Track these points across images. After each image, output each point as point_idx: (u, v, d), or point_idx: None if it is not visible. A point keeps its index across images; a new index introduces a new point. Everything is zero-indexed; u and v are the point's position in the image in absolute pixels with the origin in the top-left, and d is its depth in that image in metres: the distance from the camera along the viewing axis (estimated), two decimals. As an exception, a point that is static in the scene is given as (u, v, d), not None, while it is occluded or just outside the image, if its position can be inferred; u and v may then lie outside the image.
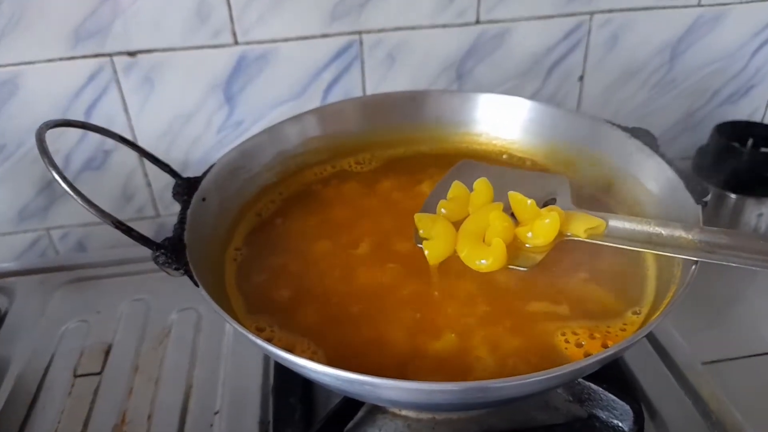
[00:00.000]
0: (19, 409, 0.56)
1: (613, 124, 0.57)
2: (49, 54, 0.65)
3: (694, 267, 0.42)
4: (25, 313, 0.67)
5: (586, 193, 0.58)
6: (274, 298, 0.48)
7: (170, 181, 0.51)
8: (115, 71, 0.67)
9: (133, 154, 0.70)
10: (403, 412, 0.50)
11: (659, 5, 0.72)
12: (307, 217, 0.56)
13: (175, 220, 0.47)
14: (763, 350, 0.60)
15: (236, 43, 0.67)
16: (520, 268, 0.46)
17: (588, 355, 0.42)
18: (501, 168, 0.58)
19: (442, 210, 0.50)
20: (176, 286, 0.46)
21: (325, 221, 0.56)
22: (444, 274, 0.49)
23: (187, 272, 0.42)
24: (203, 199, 0.49)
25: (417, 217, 0.49)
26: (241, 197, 0.56)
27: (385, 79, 0.72)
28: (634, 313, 0.46)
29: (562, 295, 0.47)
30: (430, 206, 0.51)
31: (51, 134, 0.44)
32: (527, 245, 0.47)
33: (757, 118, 0.83)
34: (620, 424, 0.48)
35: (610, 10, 0.72)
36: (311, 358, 0.42)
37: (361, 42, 0.69)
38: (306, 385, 0.53)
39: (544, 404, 0.50)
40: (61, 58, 0.65)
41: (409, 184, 0.60)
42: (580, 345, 0.43)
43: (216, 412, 0.54)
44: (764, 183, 0.70)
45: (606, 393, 0.48)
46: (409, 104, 0.64)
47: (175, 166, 0.52)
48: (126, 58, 0.67)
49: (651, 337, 0.59)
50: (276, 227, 0.55)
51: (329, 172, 0.62)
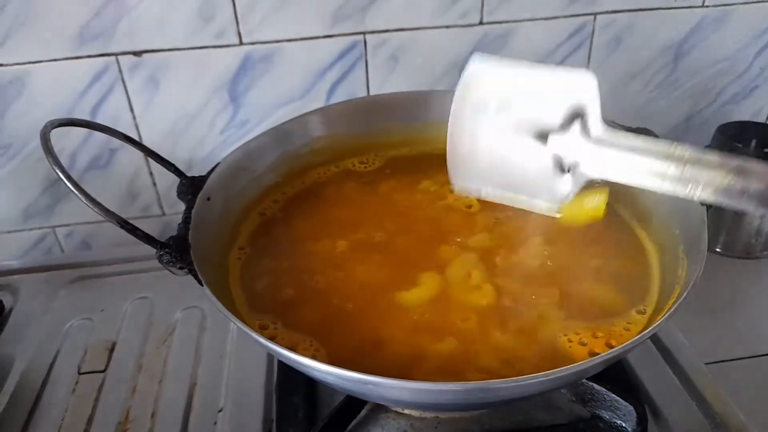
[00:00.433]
0: (24, 406, 0.56)
1: (616, 124, 0.57)
2: (55, 54, 0.65)
3: (699, 267, 0.42)
4: (29, 311, 0.67)
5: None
6: (278, 297, 0.48)
7: (175, 180, 0.52)
8: (121, 71, 0.67)
9: (139, 153, 0.70)
10: (406, 411, 0.50)
11: (663, 6, 0.72)
12: (311, 216, 0.57)
13: (180, 219, 0.47)
14: (767, 351, 0.60)
15: (241, 43, 0.67)
16: None
17: (592, 353, 0.42)
18: (516, 66, 0.51)
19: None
20: (180, 285, 0.46)
21: (329, 221, 0.56)
22: (449, 274, 0.49)
23: (192, 271, 0.42)
24: (208, 199, 0.49)
25: None
26: (246, 197, 0.56)
27: (389, 80, 0.72)
28: (639, 312, 0.46)
29: (566, 294, 0.47)
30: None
31: (57, 133, 0.44)
32: None
33: (761, 118, 0.83)
34: (623, 425, 0.48)
35: (614, 11, 0.71)
36: (314, 357, 0.43)
37: (365, 42, 0.69)
38: (309, 384, 0.53)
39: (546, 404, 0.50)
40: (67, 58, 0.66)
41: (413, 184, 0.60)
42: (583, 344, 0.43)
43: (220, 410, 0.54)
44: (768, 184, 0.69)
45: (609, 393, 0.48)
46: (412, 105, 0.64)
47: (180, 166, 0.52)
48: (131, 58, 0.67)
49: (654, 338, 0.58)
50: (280, 227, 0.56)
51: (333, 172, 0.62)
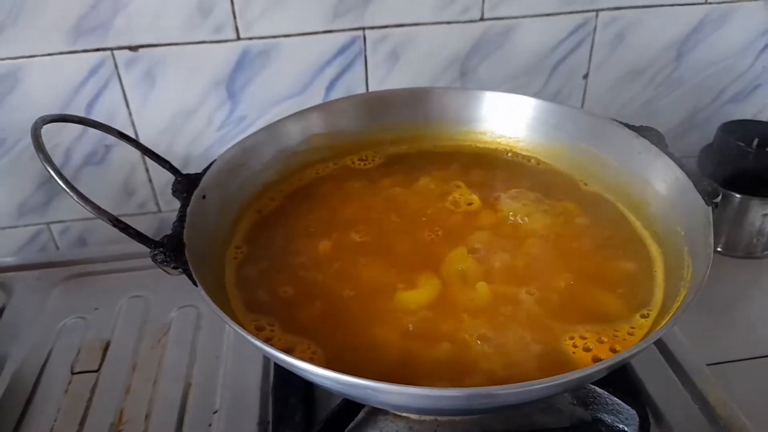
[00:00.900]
0: (16, 406, 0.55)
1: (620, 122, 0.56)
2: (50, 48, 0.65)
3: (706, 270, 0.41)
4: (23, 309, 0.66)
5: (592, 191, 0.58)
6: (274, 297, 0.47)
7: (172, 176, 0.51)
8: (116, 66, 0.67)
9: (135, 149, 0.70)
10: (405, 414, 0.49)
11: (666, 3, 0.71)
12: (309, 215, 0.56)
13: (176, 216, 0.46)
14: (769, 352, 0.59)
15: (239, 38, 0.67)
16: None
17: (596, 359, 0.42)
18: None
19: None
20: (176, 283, 0.45)
21: (327, 219, 0.55)
22: (448, 275, 0.48)
23: (186, 271, 0.41)
24: (203, 197, 0.48)
25: None
26: (242, 195, 0.55)
27: (389, 76, 0.71)
28: (643, 316, 0.45)
29: (569, 299, 0.47)
30: None
31: (52, 128, 0.44)
32: None
33: (763, 117, 0.82)
34: (626, 429, 0.47)
35: (617, 8, 0.71)
36: (311, 359, 0.42)
37: (365, 38, 0.69)
38: (307, 386, 0.52)
39: (548, 407, 0.50)
40: (62, 52, 0.65)
41: (413, 181, 0.59)
42: (588, 349, 0.43)
43: (215, 412, 0.53)
44: (769, 183, 0.69)
45: (611, 397, 0.47)
46: (412, 102, 0.63)
47: (177, 162, 0.51)
48: (127, 53, 0.66)
49: (657, 340, 0.58)
50: (277, 225, 0.55)
51: (331, 170, 0.62)
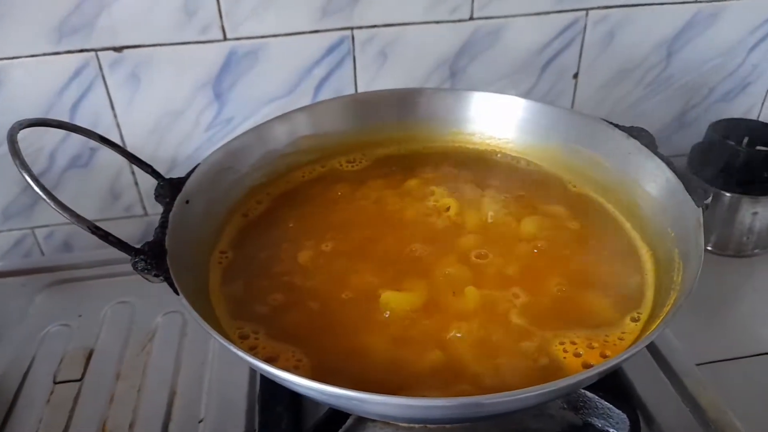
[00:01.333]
0: (-3, 416, 0.54)
1: (611, 123, 0.56)
2: (33, 49, 0.64)
3: (697, 272, 0.41)
4: (4, 316, 0.65)
5: (581, 193, 0.57)
6: (260, 304, 0.47)
7: (159, 179, 0.50)
8: (101, 67, 0.66)
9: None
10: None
11: (656, 2, 0.71)
12: (296, 218, 0.55)
13: (164, 219, 0.45)
14: (760, 351, 0.59)
15: (225, 38, 0.66)
16: None
17: (586, 365, 0.41)
18: None
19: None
20: (162, 289, 0.44)
21: (315, 223, 0.54)
22: (436, 280, 0.48)
23: (167, 279, 0.40)
24: (187, 202, 0.48)
25: None
26: (228, 199, 0.54)
27: (378, 76, 0.71)
28: (633, 320, 0.45)
29: (559, 303, 0.46)
30: None
31: (35, 132, 0.43)
32: None
33: (753, 115, 0.83)
34: (616, 433, 0.47)
35: (606, 7, 0.71)
36: (296, 366, 0.41)
37: (353, 38, 0.68)
38: (293, 394, 0.51)
39: (538, 412, 0.49)
40: (45, 54, 0.64)
41: (401, 183, 0.59)
42: (578, 355, 0.42)
43: (200, 421, 0.53)
44: (760, 181, 0.69)
45: (601, 401, 0.47)
46: (401, 103, 0.62)
47: (164, 165, 0.50)
48: (112, 54, 0.65)
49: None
50: (263, 229, 0.54)
51: (319, 172, 0.61)
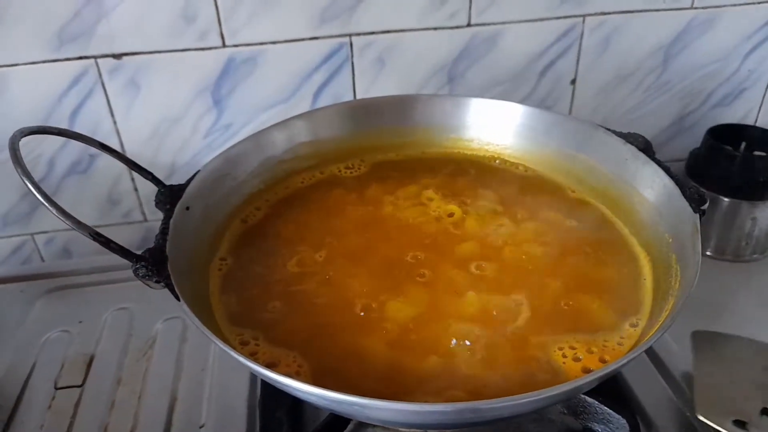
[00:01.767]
0: (-3, 422, 0.54)
1: (608, 129, 0.56)
2: (32, 56, 0.64)
3: (694, 278, 0.41)
4: (5, 323, 0.65)
5: (580, 199, 0.58)
6: (260, 310, 0.47)
7: (158, 186, 0.50)
8: (100, 74, 0.66)
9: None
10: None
11: (652, 8, 0.71)
12: (295, 224, 0.55)
13: (162, 225, 0.45)
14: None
15: (224, 45, 0.66)
16: None
17: (586, 369, 0.41)
18: None
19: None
20: (162, 295, 0.44)
21: (313, 229, 0.54)
22: (435, 285, 0.48)
23: (168, 285, 0.40)
24: (187, 208, 0.48)
25: None
26: (227, 205, 0.54)
27: (376, 82, 0.71)
28: (632, 326, 0.45)
29: (558, 308, 0.46)
30: None
31: (35, 138, 0.43)
32: None
33: (750, 121, 0.83)
34: (616, 438, 0.47)
35: (603, 13, 0.71)
36: (297, 372, 0.42)
37: (351, 44, 0.68)
38: (293, 399, 0.52)
39: (538, 416, 0.49)
40: (45, 61, 0.64)
41: (400, 189, 0.59)
42: (577, 359, 0.42)
43: (201, 426, 0.53)
44: (757, 186, 0.69)
45: (601, 406, 0.47)
46: (399, 109, 0.63)
47: (163, 171, 0.50)
48: (111, 61, 0.65)
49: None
50: (262, 236, 0.54)
51: (318, 178, 0.61)
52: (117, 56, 0.65)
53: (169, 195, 0.48)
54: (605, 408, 0.47)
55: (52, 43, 0.63)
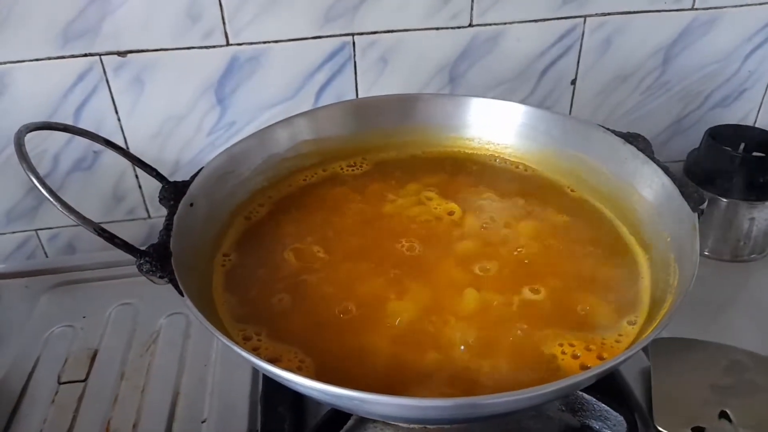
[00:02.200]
0: (1, 417, 0.54)
1: (608, 129, 0.56)
2: (37, 53, 0.64)
3: (692, 277, 0.41)
4: (9, 318, 0.66)
5: (579, 198, 0.58)
6: (262, 306, 0.47)
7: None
8: (105, 71, 0.66)
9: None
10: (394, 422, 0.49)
11: (653, 9, 0.72)
12: (298, 221, 0.56)
13: (166, 222, 0.46)
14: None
15: (228, 44, 0.67)
16: None
17: (584, 366, 0.42)
18: None
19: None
20: (165, 291, 0.44)
21: (316, 226, 0.55)
22: (437, 282, 0.48)
23: (172, 281, 0.41)
24: (191, 204, 0.48)
25: None
26: (230, 202, 0.55)
27: (378, 82, 0.72)
28: (630, 323, 0.45)
29: (557, 306, 0.47)
30: None
31: (40, 134, 0.43)
32: None
33: (749, 121, 0.83)
34: (614, 435, 0.47)
35: (604, 14, 0.71)
36: (299, 368, 0.42)
37: (354, 44, 0.69)
38: (296, 394, 0.52)
39: (537, 414, 0.50)
40: (50, 58, 0.65)
41: (402, 188, 0.59)
42: (576, 357, 0.43)
43: (203, 421, 0.53)
44: (756, 187, 0.69)
45: (599, 403, 0.47)
46: (401, 108, 0.63)
47: (167, 168, 0.51)
48: (116, 58, 0.66)
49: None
50: (265, 232, 0.55)
51: (320, 176, 0.61)
52: (122, 54, 0.66)
53: (173, 191, 0.48)
54: (603, 405, 0.47)
55: (58, 40, 0.64)
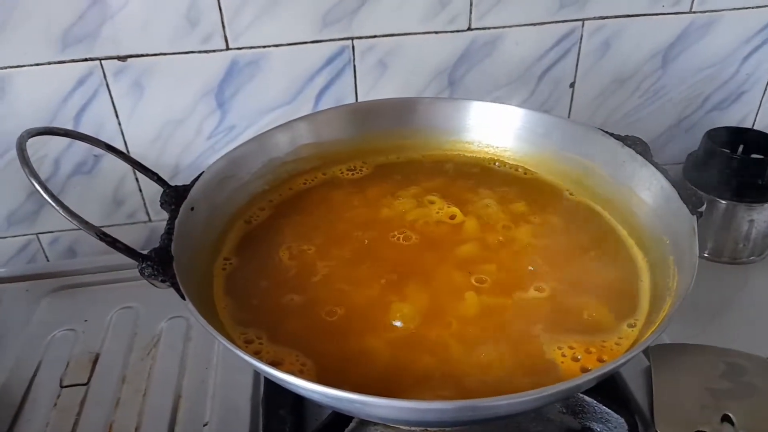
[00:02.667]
0: (3, 420, 0.55)
1: (606, 132, 0.57)
2: (37, 58, 0.64)
3: (691, 280, 0.42)
4: (11, 321, 0.66)
5: (579, 201, 0.58)
6: (263, 309, 0.47)
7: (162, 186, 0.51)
8: (105, 76, 0.66)
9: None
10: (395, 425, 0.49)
11: (651, 12, 0.72)
12: (298, 225, 0.56)
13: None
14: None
15: (228, 48, 0.67)
16: None
17: (584, 369, 0.42)
18: None
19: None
20: (166, 294, 0.45)
21: (316, 229, 0.55)
22: (437, 285, 0.49)
23: (174, 285, 0.41)
24: (192, 209, 0.48)
25: None
26: (231, 206, 0.55)
27: (377, 85, 0.72)
28: (629, 326, 0.45)
29: (557, 308, 0.47)
30: None
31: (40, 139, 0.44)
32: None
33: (748, 124, 0.83)
34: (614, 437, 0.48)
35: (602, 17, 0.71)
36: (301, 371, 0.42)
37: (353, 48, 0.69)
38: (297, 397, 0.52)
39: (538, 416, 0.50)
40: (50, 62, 0.65)
41: (401, 191, 0.59)
42: (576, 359, 0.43)
43: (205, 424, 0.53)
44: (755, 189, 0.70)
45: (599, 405, 0.47)
46: (400, 112, 0.63)
47: (166, 172, 0.51)
48: (116, 63, 0.66)
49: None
50: (266, 236, 0.55)
51: (320, 180, 0.62)
52: (122, 58, 0.66)
53: (175, 196, 0.48)
54: (604, 407, 0.48)
55: (58, 44, 0.64)
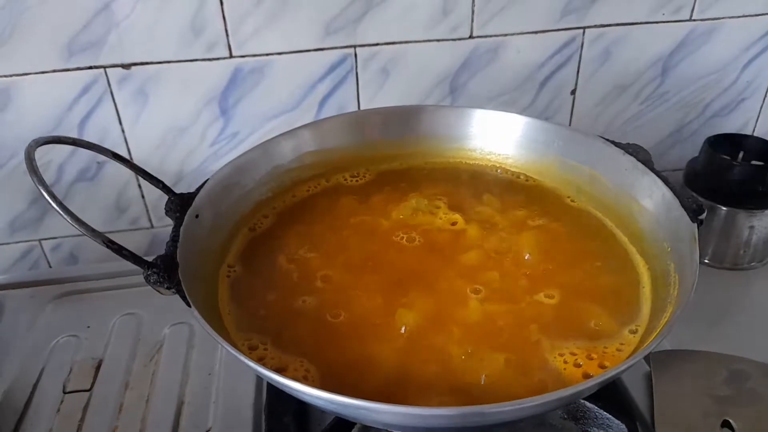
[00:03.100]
0: (6, 426, 0.55)
1: (607, 139, 0.57)
2: (43, 66, 0.65)
3: (692, 287, 0.42)
4: (14, 328, 0.66)
5: (580, 208, 0.59)
6: (267, 316, 0.48)
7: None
8: (109, 83, 0.67)
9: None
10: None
11: (652, 20, 0.72)
12: (302, 232, 0.56)
13: (169, 231, 0.46)
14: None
15: (231, 56, 0.67)
16: None
17: (586, 375, 0.42)
18: None
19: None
20: (169, 301, 0.45)
21: (320, 237, 0.55)
22: (440, 293, 0.49)
23: (179, 291, 0.41)
24: (196, 216, 0.49)
25: None
26: (235, 213, 0.55)
27: (379, 93, 0.72)
28: (631, 332, 0.46)
29: (559, 315, 0.47)
30: None
31: (44, 146, 0.44)
32: None
33: (748, 131, 0.84)
34: (616, 443, 0.48)
35: (603, 25, 0.72)
36: (305, 377, 0.42)
37: (356, 56, 0.69)
38: (300, 403, 0.52)
39: (539, 422, 0.50)
40: (55, 70, 0.65)
41: (404, 198, 0.60)
42: (578, 365, 0.43)
43: (208, 430, 0.53)
44: (755, 195, 0.70)
45: (601, 411, 0.48)
46: (402, 119, 0.64)
47: (170, 179, 0.51)
48: (120, 71, 0.66)
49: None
50: (270, 243, 0.55)
51: (323, 187, 0.62)
52: (126, 66, 0.66)
53: (179, 203, 0.49)
54: (605, 413, 0.48)
55: (63, 53, 0.64)
